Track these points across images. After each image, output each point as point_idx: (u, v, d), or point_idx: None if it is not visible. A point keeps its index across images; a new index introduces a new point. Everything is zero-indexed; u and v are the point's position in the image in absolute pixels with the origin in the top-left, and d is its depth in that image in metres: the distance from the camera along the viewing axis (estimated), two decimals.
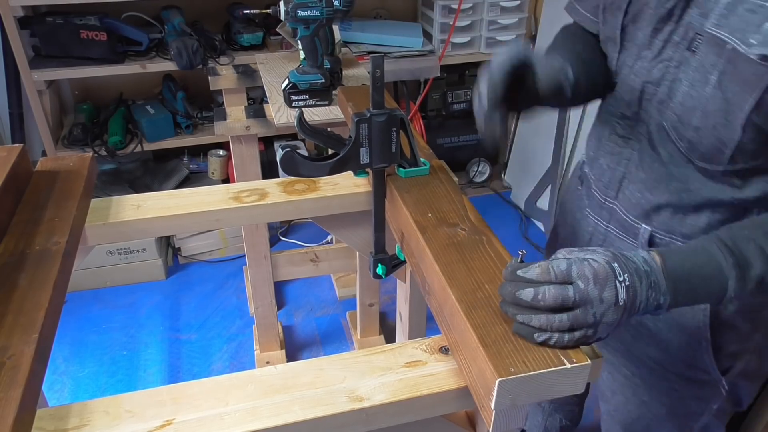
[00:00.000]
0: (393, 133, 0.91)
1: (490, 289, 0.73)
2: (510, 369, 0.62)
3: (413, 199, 0.93)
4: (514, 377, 0.61)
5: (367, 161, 0.92)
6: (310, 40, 1.45)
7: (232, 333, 2.20)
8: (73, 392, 1.95)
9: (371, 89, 0.87)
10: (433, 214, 0.89)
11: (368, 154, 0.92)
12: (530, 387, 0.62)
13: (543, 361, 0.63)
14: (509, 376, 0.61)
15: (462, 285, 0.74)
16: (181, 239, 2.51)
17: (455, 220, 0.87)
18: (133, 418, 0.67)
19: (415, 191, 0.95)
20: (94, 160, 1.10)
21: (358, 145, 0.90)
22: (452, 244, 0.82)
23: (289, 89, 1.49)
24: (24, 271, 0.80)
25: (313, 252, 2.22)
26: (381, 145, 0.91)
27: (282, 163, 0.86)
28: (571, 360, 0.63)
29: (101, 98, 2.58)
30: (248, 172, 1.68)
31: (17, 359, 0.66)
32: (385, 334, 2.14)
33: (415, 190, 0.95)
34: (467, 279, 0.75)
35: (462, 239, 0.83)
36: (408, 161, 0.99)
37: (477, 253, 0.80)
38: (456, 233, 0.84)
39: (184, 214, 1.02)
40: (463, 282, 0.75)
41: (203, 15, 2.50)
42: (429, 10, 2.63)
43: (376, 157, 0.92)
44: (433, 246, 0.82)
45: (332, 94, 1.52)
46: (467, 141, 2.96)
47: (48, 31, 2.19)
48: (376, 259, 1.02)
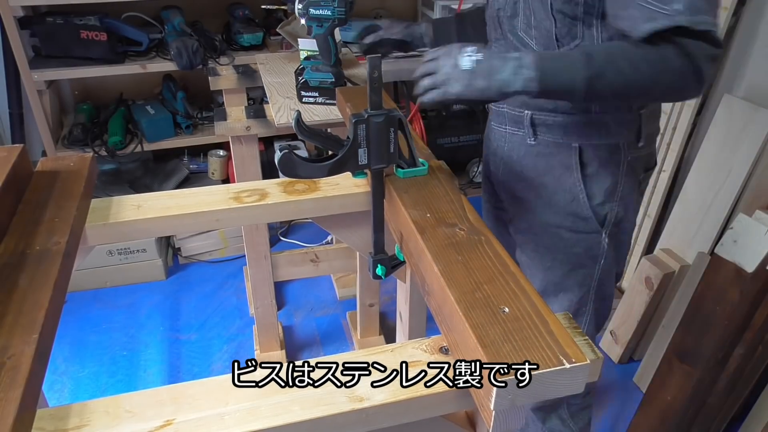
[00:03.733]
0: (391, 133, 0.91)
1: (488, 289, 0.73)
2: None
3: (412, 199, 0.93)
4: (512, 378, 0.61)
5: (365, 162, 0.92)
6: (324, 39, 1.47)
7: (232, 333, 2.20)
8: (73, 392, 1.95)
9: (368, 90, 0.87)
10: (432, 215, 0.89)
11: (366, 155, 0.91)
12: (529, 386, 0.62)
13: (542, 362, 0.63)
14: (507, 377, 0.61)
15: (461, 285, 0.74)
16: (181, 239, 2.51)
17: (454, 220, 0.87)
18: (133, 418, 0.67)
19: (414, 191, 0.95)
20: (94, 160, 1.10)
21: (356, 146, 0.90)
22: (451, 244, 0.82)
23: (301, 85, 1.52)
24: (24, 271, 0.80)
25: (313, 252, 2.22)
26: (379, 146, 0.91)
27: (280, 164, 0.86)
28: (570, 360, 0.63)
29: (101, 98, 2.58)
30: (248, 172, 1.68)
31: (17, 359, 0.66)
32: (385, 334, 2.14)
33: (414, 191, 0.95)
34: (466, 279, 0.75)
35: (461, 239, 0.83)
36: (406, 161, 0.99)
37: (476, 253, 0.80)
38: (455, 233, 0.84)
39: (184, 214, 1.02)
40: (462, 282, 0.75)
41: (203, 15, 2.50)
42: (429, 10, 2.63)
43: (374, 157, 0.92)
44: (431, 246, 0.81)
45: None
46: (467, 141, 2.96)
47: (48, 31, 2.19)
48: (375, 259, 1.01)
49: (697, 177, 1.87)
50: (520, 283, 0.74)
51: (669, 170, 2.02)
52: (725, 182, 1.76)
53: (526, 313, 0.70)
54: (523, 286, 0.74)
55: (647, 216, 2.13)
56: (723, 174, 1.77)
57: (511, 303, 0.71)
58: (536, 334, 0.67)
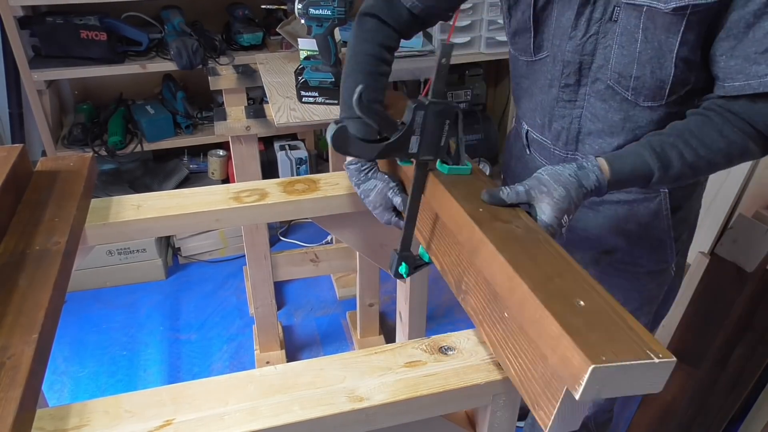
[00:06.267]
0: (446, 126, 0.89)
1: (560, 282, 0.69)
2: (602, 357, 0.58)
3: (462, 194, 0.88)
4: (607, 366, 0.57)
5: (415, 150, 0.89)
6: (323, 39, 1.47)
7: (232, 333, 2.20)
8: (73, 392, 1.95)
9: (434, 77, 0.83)
10: (485, 210, 0.84)
11: (417, 144, 0.89)
12: (618, 378, 0.59)
13: (632, 353, 0.59)
14: (602, 364, 0.57)
15: (532, 276, 0.69)
16: (181, 239, 2.51)
17: (508, 218, 0.82)
18: (133, 418, 0.67)
19: (462, 187, 0.90)
20: (94, 160, 1.10)
21: (411, 132, 0.87)
22: (511, 238, 0.77)
23: (301, 85, 1.51)
24: (24, 271, 0.80)
25: (313, 252, 2.22)
26: (432, 136, 0.89)
27: (333, 138, 0.84)
28: (658, 355, 0.60)
29: (101, 98, 2.58)
30: (248, 172, 1.68)
31: (17, 359, 0.66)
32: (385, 334, 2.14)
33: (462, 186, 0.90)
34: (535, 271, 0.70)
35: (520, 235, 0.78)
36: (452, 158, 0.95)
37: (539, 249, 0.75)
38: (512, 229, 0.79)
39: (184, 214, 1.02)
40: (532, 273, 0.70)
41: (203, 15, 2.50)
42: None
43: (424, 147, 0.89)
44: (492, 237, 0.76)
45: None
46: (468, 141, 2.96)
47: (48, 31, 2.19)
48: (401, 256, 0.95)
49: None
50: (589, 281, 0.70)
51: None
52: (725, 182, 1.76)
53: (603, 308, 0.66)
54: (592, 284, 0.70)
55: None
56: (723, 174, 1.77)
57: (586, 297, 0.67)
58: (619, 326, 0.63)
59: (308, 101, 1.54)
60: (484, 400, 0.78)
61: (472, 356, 0.78)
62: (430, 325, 2.23)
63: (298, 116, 1.47)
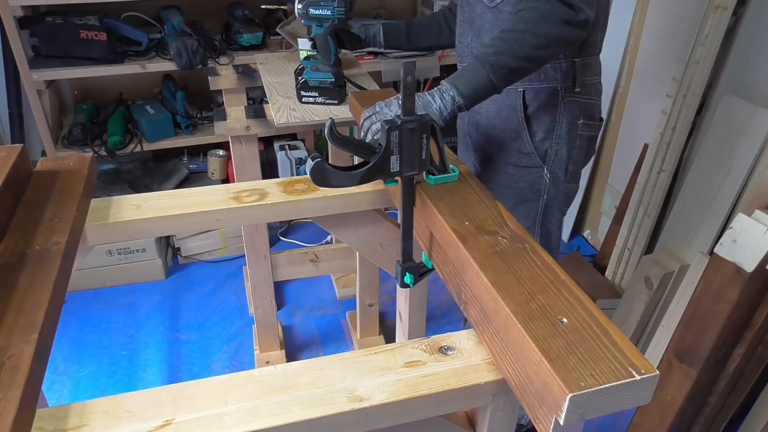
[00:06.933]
0: (423, 139, 0.88)
1: (543, 299, 0.70)
2: (580, 383, 0.59)
3: (447, 207, 0.90)
4: (585, 392, 0.58)
5: (397, 169, 0.89)
6: (323, 39, 1.47)
7: (231, 333, 2.20)
8: (73, 392, 1.95)
9: (402, 95, 0.84)
10: (470, 222, 0.85)
11: (398, 162, 0.89)
12: (600, 401, 0.60)
13: (612, 374, 0.60)
14: (580, 391, 0.58)
15: (514, 296, 0.70)
16: (180, 239, 2.51)
17: (494, 228, 0.84)
18: (133, 418, 0.67)
19: (448, 199, 0.92)
20: (93, 160, 1.10)
21: (389, 153, 0.87)
22: (495, 252, 0.78)
23: (301, 85, 1.51)
24: (24, 271, 0.80)
25: (313, 252, 2.22)
26: (411, 153, 0.88)
27: (312, 173, 0.83)
28: (640, 371, 0.61)
29: (101, 98, 2.58)
30: (248, 172, 1.68)
31: (17, 359, 0.66)
32: (385, 334, 2.14)
33: (448, 198, 0.92)
34: (518, 289, 0.71)
35: (504, 247, 0.79)
36: (437, 168, 0.96)
37: (523, 262, 0.76)
38: (497, 241, 0.81)
39: (184, 214, 1.02)
40: (514, 293, 0.71)
41: (203, 15, 2.50)
42: (428, 10, 2.63)
43: (406, 164, 0.89)
44: (476, 256, 0.78)
45: (344, 95, 1.54)
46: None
47: (48, 31, 2.19)
48: (404, 267, 0.98)
49: (696, 177, 1.87)
50: (574, 292, 0.71)
51: (669, 170, 2.02)
52: (725, 182, 1.76)
53: (586, 324, 0.66)
54: (578, 295, 0.71)
55: (647, 216, 2.13)
56: (722, 174, 1.77)
57: (569, 313, 0.68)
58: (600, 345, 0.64)
59: (308, 101, 1.54)
60: (483, 400, 0.77)
61: (472, 356, 0.78)
62: (430, 325, 2.23)
63: (298, 116, 1.48)
